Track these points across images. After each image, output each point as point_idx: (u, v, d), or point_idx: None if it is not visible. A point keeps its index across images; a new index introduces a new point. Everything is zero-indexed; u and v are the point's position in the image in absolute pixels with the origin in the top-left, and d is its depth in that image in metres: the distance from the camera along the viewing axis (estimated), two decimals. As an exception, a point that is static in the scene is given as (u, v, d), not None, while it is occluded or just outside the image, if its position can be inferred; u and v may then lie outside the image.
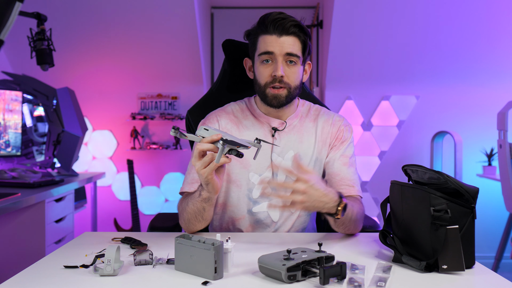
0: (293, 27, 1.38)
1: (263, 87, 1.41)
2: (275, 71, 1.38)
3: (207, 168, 1.20)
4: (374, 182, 3.67)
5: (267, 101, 1.42)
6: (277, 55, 1.38)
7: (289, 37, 1.38)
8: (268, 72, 1.40)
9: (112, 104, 3.69)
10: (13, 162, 2.89)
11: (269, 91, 1.40)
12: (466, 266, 1.05)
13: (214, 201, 1.32)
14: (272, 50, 1.38)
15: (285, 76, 1.39)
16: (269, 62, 1.40)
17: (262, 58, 1.40)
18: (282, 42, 1.37)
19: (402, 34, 3.32)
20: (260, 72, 1.42)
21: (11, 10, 1.56)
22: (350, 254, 1.20)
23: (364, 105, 3.64)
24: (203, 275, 1.00)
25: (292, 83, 1.41)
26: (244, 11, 4.01)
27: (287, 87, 1.40)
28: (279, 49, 1.37)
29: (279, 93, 1.40)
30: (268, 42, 1.38)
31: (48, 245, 2.37)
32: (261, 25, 1.41)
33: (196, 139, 1.21)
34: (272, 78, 1.39)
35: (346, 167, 1.47)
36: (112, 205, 3.75)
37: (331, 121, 1.52)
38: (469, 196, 1.06)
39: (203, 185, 1.26)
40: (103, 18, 3.30)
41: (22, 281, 1.00)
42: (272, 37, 1.38)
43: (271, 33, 1.38)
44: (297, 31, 1.39)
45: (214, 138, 1.18)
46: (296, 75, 1.41)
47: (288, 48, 1.38)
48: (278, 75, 1.38)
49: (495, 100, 3.46)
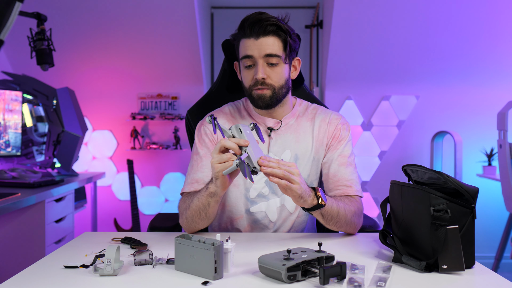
0: (270, 26, 1.37)
1: (248, 90, 1.43)
2: (255, 74, 1.39)
3: (222, 165, 1.20)
4: (374, 182, 3.67)
5: (254, 103, 1.44)
6: (256, 58, 1.38)
7: (267, 37, 1.37)
8: (250, 76, 1.41)
9: (112, 104, 3.69)
10: (13, 162, 2.89)
11: (254, 93, 1.41)
12: (466, 266, 1.05)
13: (220, 199, 1.32)
14: (251, 53, 1.38)
15: (267, 77, 1.39)
16: (251, 66, 1.40)
17: (244, 63, 1.41)
18: (260, 44, 1.37)
19: (402, 34, 3.32)
20: (244, 76, 1.43)
21: (11, 10, 1.56)
22: (350, 254, 1.20)
23: (364, 105, 3.64)
24: (203, 275, 1.00)
25: (276, 83, 1.40)
26: (244, 11, 4.01)
27: (271, 88, 1.40)
28: (258, 52, 1.37)
29: (263, 93, 1.40)
30: (247, 46, 1.39)
31: (48, 245, 2.37)
32: (240, 29, 1.41)
33: (225, 134, 1.23)
34: (255, 81, 1.40)
35: (344, 167, 1.46)
36: (112, 205, 3.75)
37: (328, 119, 1.52)
38: (469, 196, 1.06)
39: (213, 178, 1.26)
40: (103, 18, 3.30)
41: (22, 281, 1.00)
42: (250, 40, 1.38)
43: (248, 36, 1.38)
44: (274, 30, 1.38)
45: (241, 143, 1.19)
46: (279, 75, 1.41)
47: (266, 50, 1.37)
48: (259, 78, 1.38)
49: (495, 100, 3.46)
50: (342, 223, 1.36)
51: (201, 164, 1.46)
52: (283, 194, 1.46)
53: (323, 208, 1.29)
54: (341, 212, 1.34)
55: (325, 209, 1.30)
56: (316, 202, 1.27)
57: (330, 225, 1.36)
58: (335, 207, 1.32)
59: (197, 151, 1.48)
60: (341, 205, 1.35)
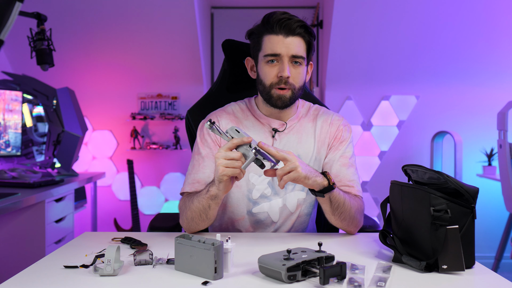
0: (299, 27, 1.37)
1: (268, 87, 1.40)
2: (281, 72, 1.37)
3: (230, 170, 1.20)
4: (374, 182, 3.67)
5: (272, 102, 1.41)
6: (283, 56, 1.37)
7: (295, 37, 1.37)
8: (274, 73, 1.39)
9: (112, 104, 3.69)
10: (13, 162, 2.89)
11: (275, 92, 1.39)
12: (466, 266, 1.05)
13: (221, 200, 1.32)
14: (279, 51, 1.37)
15: (290, 77, 1.38)
16: (274, 62, 1.39)
17: (267, 59, 1.39)
18: (289, 43, 1.37)
19: (402, 34, 3.32)
20: (265, 73, 1.40)
21: (11, 10, 1.56)
22: (350, 254, 1.20)
23: (364, 105, 3.64)
24: (203, 275, 1.00)
25: (297, 84, 1.40)
26: (244, 11, 4.01)
27: (292, 88, 1.40)
28: (286, 50, 1.37)
29: (284, 94, 1.39)
30: (275, 43, 1.37)
31: (48, 245, 2.37)
32: (266, 24, 1.39)
33: (226, 138, 1.23)
34: (278, 79, 1.38)
35: (346, 167, 1.47)
36: (112, 205, 3.75)
37: (330, 120, 1.52)
38: (469, 196, 1.06)
39: (216, 181, 1.26)
40: (103, 18, 3.30)
41: (22, 281, 1.00)
42: (278, 38, 1.37)
43: (277, 33, 1.37)
44: (302, 32, 1.38)
45: (245, 140, 1.20)
46: (301, 76, 1.41)
47: (294, 50, 1.37)
48: (285, 76, 1.37)
49: (495, 100, 3.46)
50: (346, 215, 1.36)
51: (203, 164, 1.45)
52: (285, 195, 1.47)
53: (332, 193, 1.30)
54: (347, 202, 1.35)
55: (333, 195, 1.31)
56: (326, 183, 1.28)
57: (335, 216, 1.36)
58: (342, 195, 1.34)
59: (199, 151, 1.48)
60: (347, 196, 1.37)
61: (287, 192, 1.47)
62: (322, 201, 1.34)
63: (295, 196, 1.47)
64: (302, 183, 1.25)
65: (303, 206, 1.49)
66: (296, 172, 1.22)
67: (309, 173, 1.25)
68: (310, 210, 1.51)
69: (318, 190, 1.29)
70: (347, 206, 1.35)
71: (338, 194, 1.33)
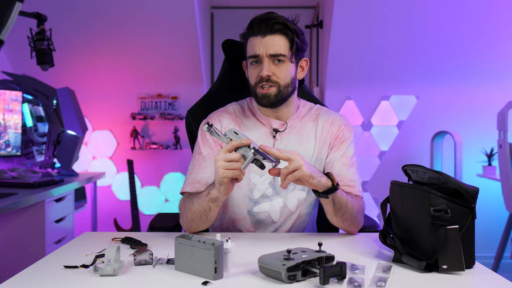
0: (277, 24, 1.38)
1: (253, 88, 1.43)
2: (260, 71, 1.39)
3: (230, 171, 1.20)
4: (374, 182, 3.67)
5: (258, 101, 1.44)
6: (262, 56, 1.39)
7: (274, 36, 1.38)
8: (256, 73, 1.41)
9: (112, 104, 3.69)
10: (13, 162, 2.89)
11: (259, 91, 1.41)
12: (466, 266, 1.05)
13: (221, 203, 1.32)
14: (258, 52, 1.39)
15: (272, 74, 1.39)
16: (257, 63, 1.41)
17: (250, 61, 1.43)
18: (266, 42, 1.38)
19: (402, 34, 3.32)
20: (250, 74, 1.44)
21: (11, 10, 1.56)
22: (350, 254, 1.20)
23: (364, 105, 3.64)
24: (203, 275, 1.00)
25: (282, 81, 1.41)
26: (244, 11, 4.01)
27: (276, 85, 1.40)
28: (263, 50, 1.38)
29: (267, 92, 1.40)
30: (254, 44, 1.40)
31: (48, 245, 2.37)
32: (249, 27, 1.42)
33: (225, 140, 1.23)
34: (259, 78, 1.40)
35: (347, 167, 1.47)
36: (112, 205, 3.75)
37: (331, 120, 1.52)
38: (469, 196, 1.06)
39: (217, 184, 1.26)
40: (103, 18, 3.30)
41: (22, 281, 1.00)
42: (257, 39, 1.39)
43: (255, 34, 1.40)
44: (281, 28, 1.39)
45: (244, 142, 1.20)
46: (285, 73, 1.41)
47: (272, 48, 1.38)
48: (264, 75, 1.38)
49: (495, 100, 3.46)
50: (348, 215, 1.36)
51: (204, 164, 1.46)
52: (286, 195, 1.47)
53: (336, 194, 1.30)
54: (349, 203, 1.35)
55: (336, 196, 1.31)
56: (330, 184, 1.28)
57: (337, 217, 1.36)
58: (345, 196, 1.35)
59: (200, 151, 1.48)
60: (349, 197, 1.37)
61: (288, 192, 1.47)
62: (325, 202, 1.33)
63: (295, 196, 1.47)
64: (306, 182, 1.25)
65: (303, 206, 1.49)
66: (301, 170, 1.22)
67: (314, 173, 1.25)
68: (310, 210, 1.51)
69: (322, 191, 1.29)
70: (349, 207, 1.35)
71: (341, 195, 1.33)
